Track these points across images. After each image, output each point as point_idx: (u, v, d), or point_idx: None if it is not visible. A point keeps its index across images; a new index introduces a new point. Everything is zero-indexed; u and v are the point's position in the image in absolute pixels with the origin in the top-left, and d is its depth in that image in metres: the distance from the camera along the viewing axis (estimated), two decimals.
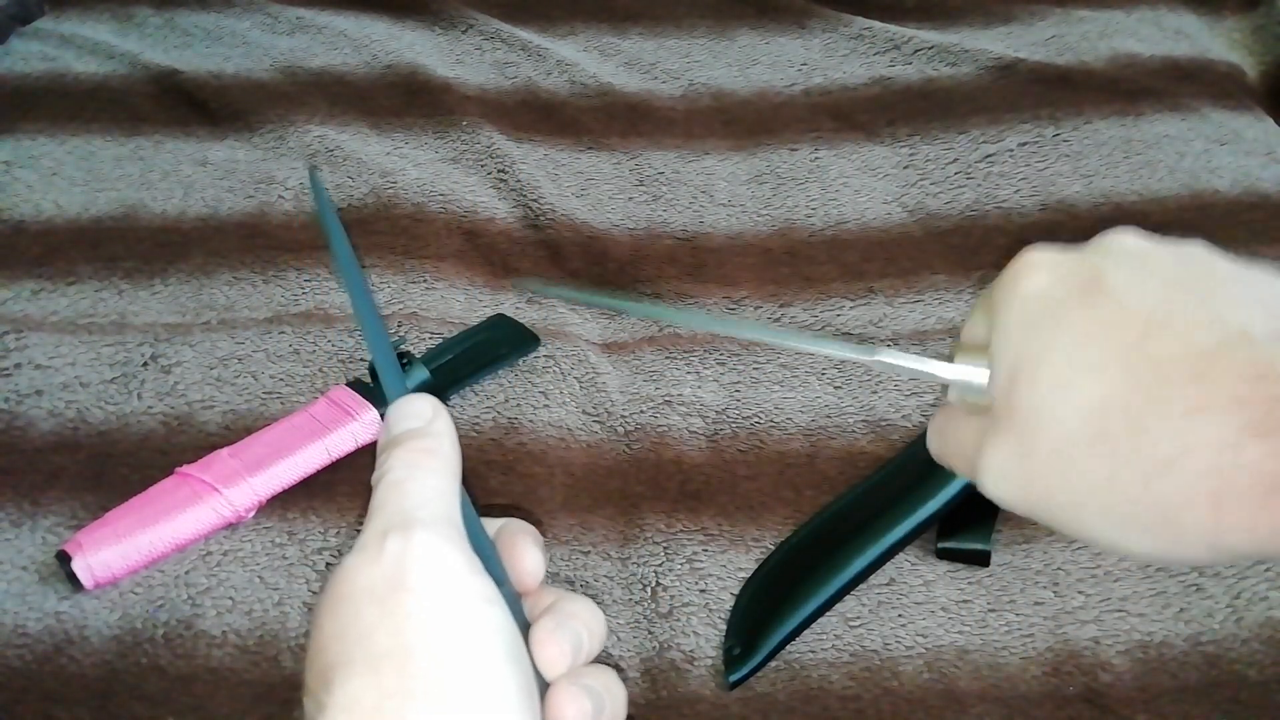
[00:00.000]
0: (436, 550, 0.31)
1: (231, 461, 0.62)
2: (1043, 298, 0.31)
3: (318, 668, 0.30)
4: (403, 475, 0.32)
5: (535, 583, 0.34)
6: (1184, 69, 0.95)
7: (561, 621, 0.32)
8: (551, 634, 0.32)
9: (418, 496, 0.32)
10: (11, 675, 0.55)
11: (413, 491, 0.32)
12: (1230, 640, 0.57)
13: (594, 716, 0.31)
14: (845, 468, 0.65)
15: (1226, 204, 0.83)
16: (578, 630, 0.32)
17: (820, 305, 0.76)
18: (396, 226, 0.79)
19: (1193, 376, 0.27)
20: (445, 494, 0.33)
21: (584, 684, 0.31)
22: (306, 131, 0.86)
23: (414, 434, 0.34)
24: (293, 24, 0.99)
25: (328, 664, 0.29)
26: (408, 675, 0.29)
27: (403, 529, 0.31)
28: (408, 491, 0.32)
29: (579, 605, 0.33)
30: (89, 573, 0.58)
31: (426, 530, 0.31)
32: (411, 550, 0.30)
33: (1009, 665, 0.57)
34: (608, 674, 0.33)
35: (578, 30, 1.01)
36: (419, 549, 0.30)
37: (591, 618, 0.33)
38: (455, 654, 0.29)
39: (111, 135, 0.87)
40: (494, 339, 0.71)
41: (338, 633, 0.30)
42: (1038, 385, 0.30)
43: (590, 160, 0.87)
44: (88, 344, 0.70)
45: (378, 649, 0.29)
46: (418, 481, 0.32)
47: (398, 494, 0.32)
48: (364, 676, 0.29)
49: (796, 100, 0.93)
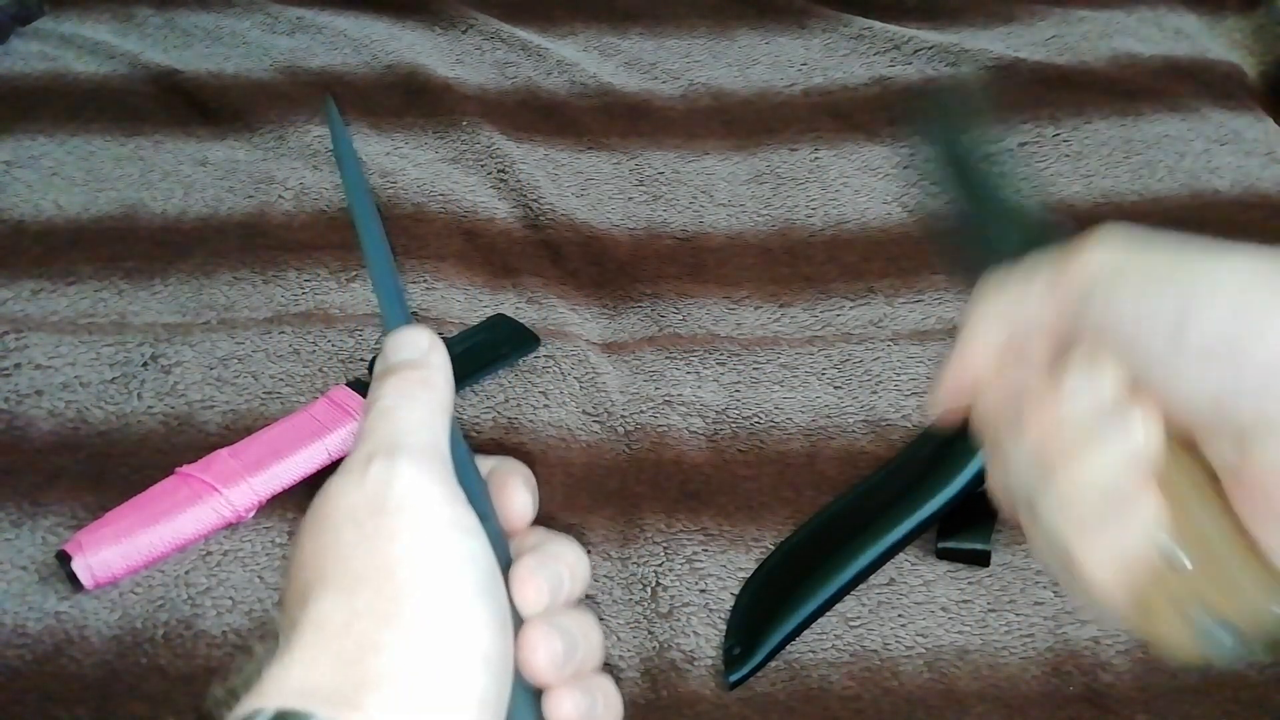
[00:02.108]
0: (419, 477, 0.31)
1: (232, 461, 0.62)
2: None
3: (295, 586, 0.30)
4: (393, 403, 0.33)
5: (524, 522, 0.34)
6: (1184, 69, 0.95)
7: (543, 561, 0.32)
8: (532, 572, 0.31)
9: (406, 424, 0.32)
10: (11, 675, 0.55)
11: (401, 419, 0.32)
12: None
13: (565, 657, 0.31)
14: (845, 468, 0.65)
15: (1226, 204, 0.83)
16: (559, 571, 0.32)
17: (820, 305, 0.76)
18: (396, 226, 0.79)
19: None
20: (434, 424, 0.33)
21: (558, 623, 0.31)
22: (306, 131, 0.86)
23: (408, 364, 0.34)
24: (293, 24, 0.99)
25: (305, 582, 0.30)
26: (380, 597, 0.29)
27: (388, 455, 0.31)
28: (396, 419, 0.32)
29: (563, 546, 0.33)
30: (89, 573, 0.58)
31: (411, 457, 0.31)
32: (395, 475, 0.30)
33: (1009, 665, 0.57)
34: (585, 616, 0.33)
35: (578, 30, 1.01)
36: (403, 474, 0.30)
37: (575, 560, 0.33)
38: (428, 579, 0.29)
39: (111, 135, 0.87)
40: (494, 339, 0.71)
41: (316, 552, 0.30)
42: None
43: (590, 160, 0.87)
44: (88, 344, 0.70)
45: (353, 570, 0.29)
46: (407, 410, 0.33)
47: (386, 421, 0.32)
48: (337, 595, 0.29)
49: (796, 100, 0.93)
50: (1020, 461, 0.32)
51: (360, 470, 0.31)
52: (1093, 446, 0.30)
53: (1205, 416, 0.29)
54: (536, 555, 0.32)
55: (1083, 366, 0.31)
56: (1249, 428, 0.28)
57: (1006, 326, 0.33)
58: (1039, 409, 0.31)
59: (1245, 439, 0.28)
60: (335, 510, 0.30)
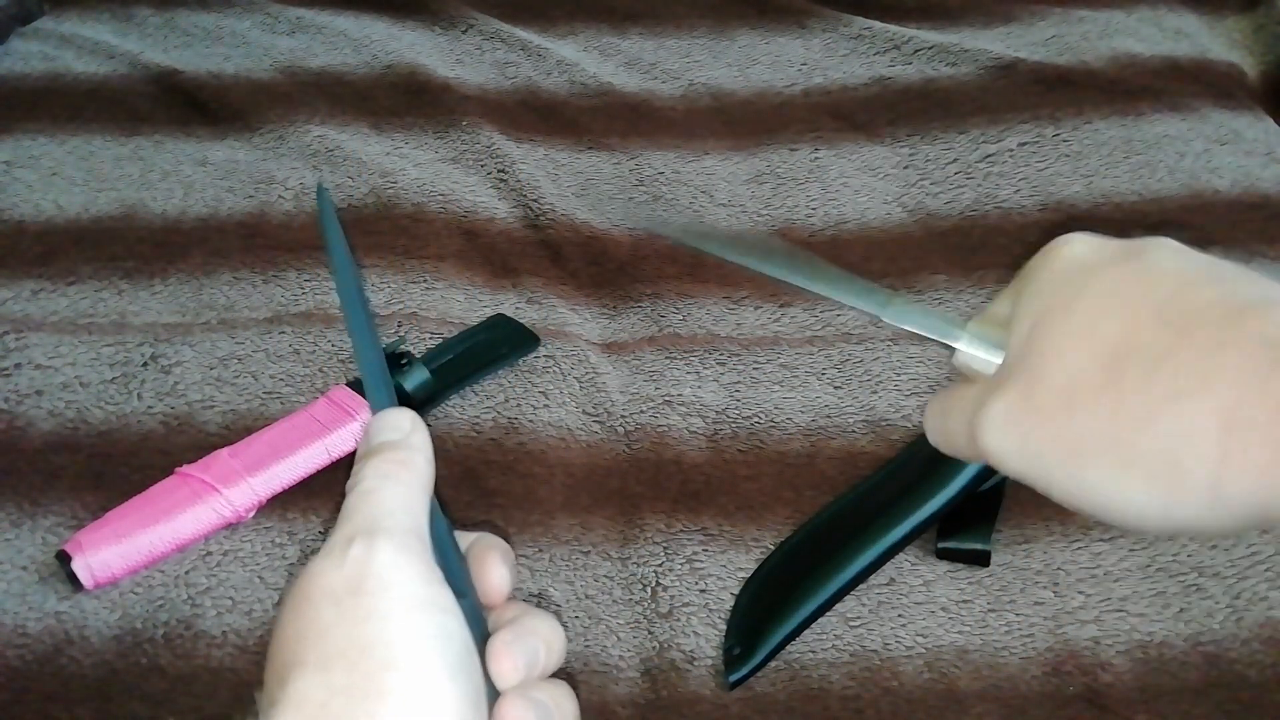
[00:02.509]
0: (397, 558, 0.32)
1: (231, 461, 0.62)
2: (1077, 262, 0.31)
3: (275, 665, 0.31)
4: (374, 485, 0.34)
5: (501, 597, 0.35)
6: (1184, 69, 0.95)
7: (519, 635, 0.33)
8: (508, 646, 0.32)
9: (386, 506, 0.33)
10: (11, 675, 0.55)
11: (381, 501, 0.33)
12: (1230, 640, 0.57)
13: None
14: (845, 468, 0.65)
15: (1226, 204, 0.83)
16: (534, 645, 0.33)
17: (819, 305, 0.76)
18: (396, 226, 0.79)
19: (1223, 318, 0.27)
20: (413, 506, 0.34)
21: (532, 696, 0.32)
22: (306, 131, 0.86)
23: (390, 445, 0.35)
24: (293, 24, 0.99)
25: (284, 662, 0.31)
26: (357, 674, 0.29)
27: (367, 535, 0.32)
28: (377, 501, 0.33)
29: (540, 621, 0.34)
30: (89, 573, 0.58)
31: (390, 539, 0.32)
32: (374, 556, 0.31)
33: (1009, 665, 0.57)
34: (560, 688, 0.34)
35: (578, 30, 1.01)
36: (381, 555, 0.31)
37: (551, 634, 0.34)
38: (403, 658, 0.30)
39: (111, 135, 0.87)
40: (494, 339, 0.71)
41: (297, 633, 0.31)
42: (1057, 329, 0.30)
43: (590, 160, 0.87)
44: (88, 344, 0.70)
45: (331, 648, 0.30)
46: (387, 492, 0.33)
47: (367, 503, 0.33)
48: (315, 674, 0.30)
49: (796, 100, 0.93)
50: None
51: (340, 551, 0.32)
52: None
53: None
54: (513, 629, 0.33)
55: None
56: None
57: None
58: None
59: None
60: (315, 590, 0.31)
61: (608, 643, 0.57)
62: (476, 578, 0.35)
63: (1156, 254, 0.30)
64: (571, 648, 0.57)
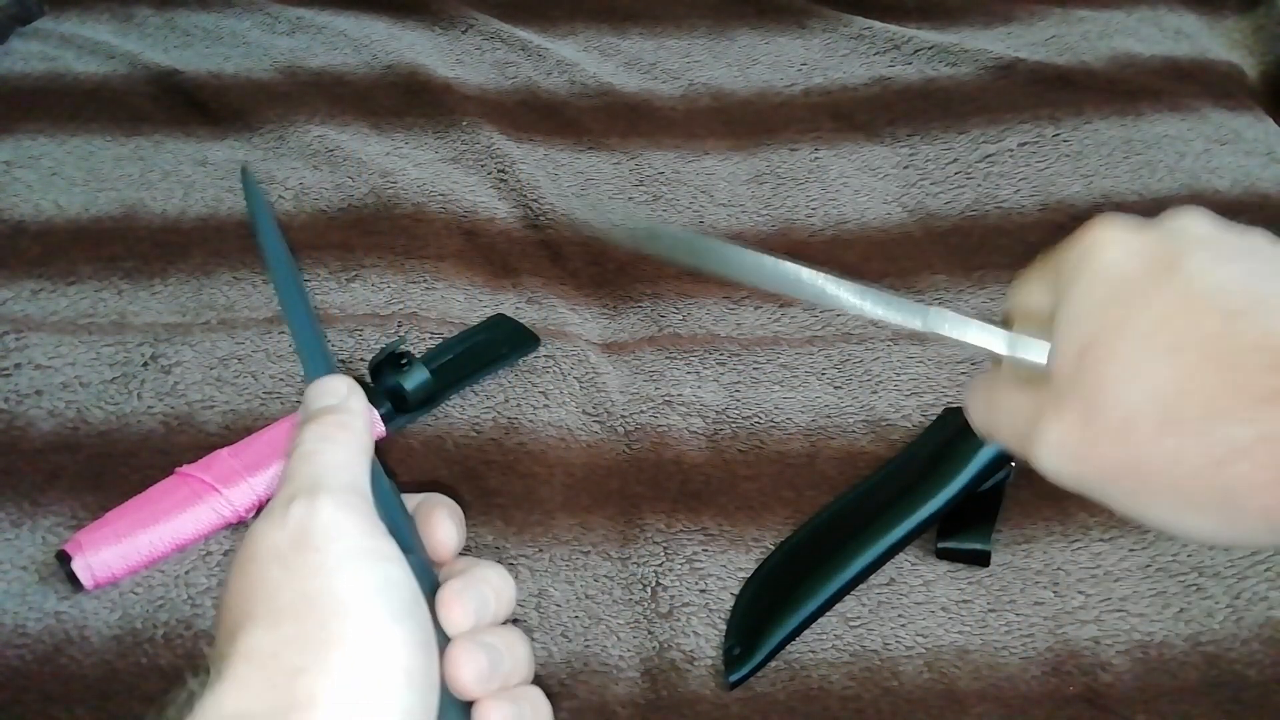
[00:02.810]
0: (338, 514, 0.33)
1: (231, 461, 0.62)
2: (1118, 275, 0.31)
3: (225, 623, 0.32)
4: (313, 447, 0.35)
5: (450, 553, 0.36)
6: (1184, 69, 0.95)
7: (468, 583, 0.34)
8: (457, 594, 0.33)
9: (325, 466, 0.34)
10: (11, 675, 0.55)
11: (321, 462, 0.34)
12: (1230, 640, 0.57)
13: (490, 671, 0.33)
14: (845, 468, 0.65)
15: (1226, 204, 0.83)
16: (484, 593, 0.34)
17: (820, 305, 0.76)
18: (396, 226, 0.79)
19: (1270, 366, 0.28)
20: (352, 465, 0.35)
21: (482, 640, 0.33)
22: (306, 131, 0.86)
23: (328, 410, 0.36)
24: (292, 24, 0.99)
25: (233, 620, 0.31)
26: (305, 625, 0.30)
27: (308, 494, 0.33)
28: (316, 461, 0.34)
29: (488, 571, 0.35)
30: (89, 573, 0.58)
31: (330, 495, 0.33)
32: (315, 513, 0.32)
33: (1009, 665, 0.57)
34: (511, 633, 0.35)
35: (578, 30, 1.01)
36: (322, 512, 0.32)
37: (500, 581, 0.35)
38: (349, 606, 0.31)
39: (111, 135, 0.87)
40: (494, 339, 0.71)
41: (243, 590, 0.32)
42: (1110, 364, 0.30)
43: (590, 160, 0.87)
44: (88, 344, 0.70)
45: (278, 603, 0.31)
46: (326, 454, 0.34)
47: (307, 464, 0.34)
48: (265, 628, 0.31)
49: (796, 100, 0.93)
50: None
51: (282, 510, 0.33)
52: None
53: None
54: (461, 579, 0.34)
55: None
56: None
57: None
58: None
59: None
60: (260, 549, 0.32)
61: (608, 643, 0.57)
62: (425, 535, 0.36)
63: (1194, 263, 0.30)
64: (571, 648, 0.57)
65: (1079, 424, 0.31)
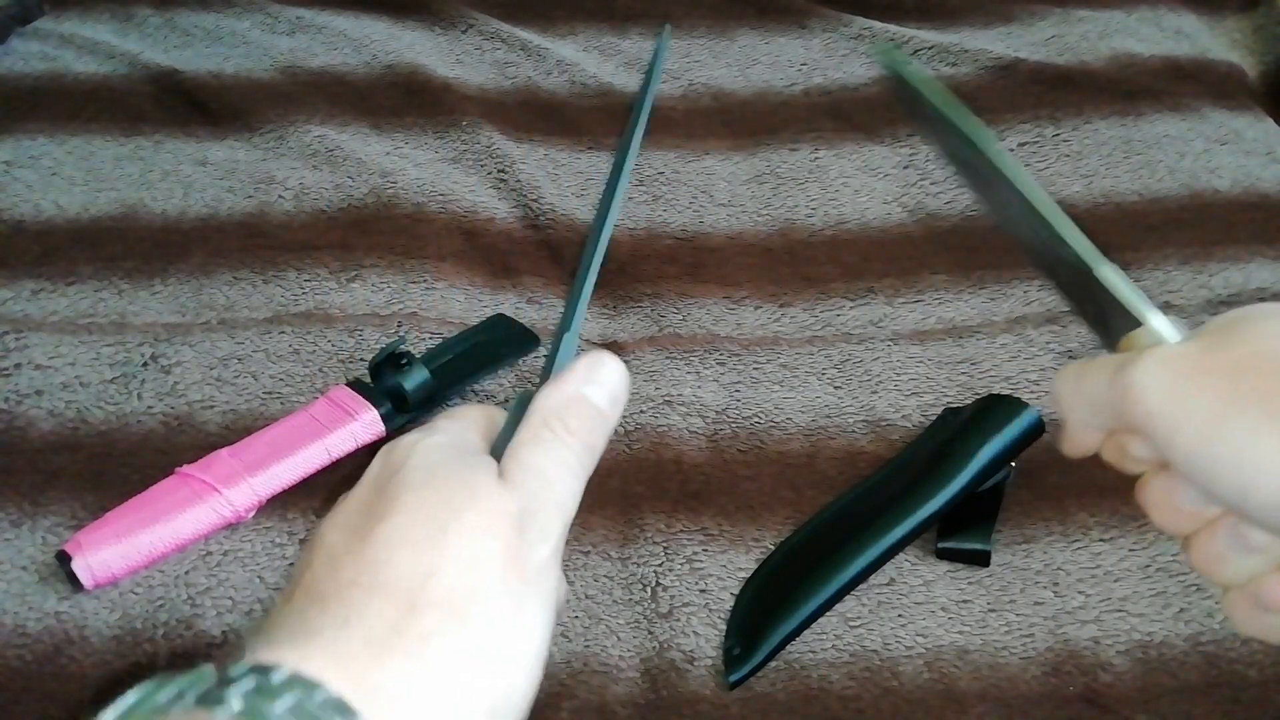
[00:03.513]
0: (557, 553, 0.34)
1: (231, 461, 0.62)
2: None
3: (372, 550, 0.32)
4: (562, 460, 0.36)
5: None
6: (1184, 69, 0.95)
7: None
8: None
9: (570, 490, 0.36)
10: (11, 675, 0.55)
11: (568, 482, 0.36)
12: (1230, 640, 0.57)
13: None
14: (845, 468, 0.65)
15: (1226, 204, 0.83)
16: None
17: (820, 305, 0.76)
18: (396, 226, 0.79)
19: None
20: (582, 484, 0.37)
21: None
22: (306, 131, 0.86)
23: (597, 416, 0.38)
24: (293, 24, 0.99)
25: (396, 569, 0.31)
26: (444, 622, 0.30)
27: (544, 527, 0.34)
28: (562, 481, 0.36)
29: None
30: (89, 573, 0.58)
31: (560, 533, 0.34)
32: (542, 547, 0.34)
33: (1009, 665, 0.57)
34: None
35: (578, 30, 1.01)
36: (548, 549, 0.34)
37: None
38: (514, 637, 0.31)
39: (111, 135, 0.87)
40: (494, 339, 0.71)
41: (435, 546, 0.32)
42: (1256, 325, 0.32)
43: (590, 160, 0.87)
44: (88, 344, 0.70)
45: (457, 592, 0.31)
46: (576, 480, 0.36)
47: (555, 479, 0.36)
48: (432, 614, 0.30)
49: (796, 100, 0.93)
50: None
51: (517, 519, 0.33)
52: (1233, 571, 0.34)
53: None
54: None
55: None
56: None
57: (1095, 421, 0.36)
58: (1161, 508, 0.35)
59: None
60: (476, 536, 0.32)
61: (608, 643, 0.57)
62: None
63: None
64: (571, 648, 0.57)
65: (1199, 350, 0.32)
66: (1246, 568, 0.34)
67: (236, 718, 0.26)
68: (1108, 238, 0.80)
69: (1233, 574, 0.34)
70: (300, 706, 0.27)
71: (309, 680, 0.28)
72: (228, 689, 0.27)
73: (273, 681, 0.28)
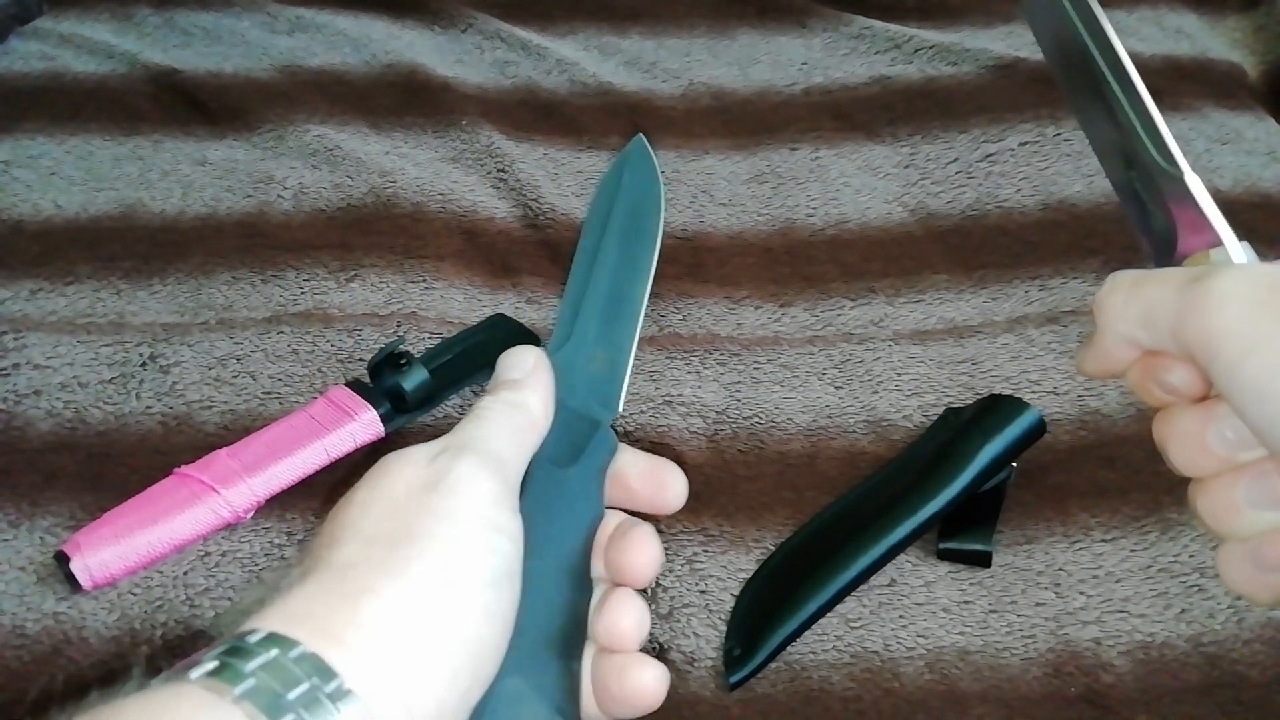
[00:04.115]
0: (476, 473, 0.35)
1: (230, 462, 0.62)
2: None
3: (327, 533, 0.34)
4: (481, 414, 0.37)
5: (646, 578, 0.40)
6: (1185, 68, 0.95)
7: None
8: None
9: (484, 433, 0.36)
10: (10, 676, 0.55)
11: (483, 428, 0.37)
12: (1232, 641, 0.57)
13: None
14: (846, 468, 0.65)
15: (1228, 203, 0.82)
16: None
17: (820, 305, 0.76)
18: (396, 226, 0.79)
19: None
20: (514, 441, 0.37)
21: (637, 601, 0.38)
22: (306, 131, 0.86)
23: (510, 384, 0.39)
24: (292, 23, 0.98)
25: (336, 532, 0.33)
26: (395, 554, 0.32)
27: (458, 449, 0.35)
28: (478, 426, 0.37)
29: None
30: (87, 573, 0.57)
31: (476, 457, 0.35)
32: (455, 466, 0.35)
33: (1010, 666, 0.57)
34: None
35: (578, 29, 1.00)
36: (462, 466, 0.35)
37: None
38: (444, 555, 0.33)
39: (110, 135, 0.87)
40: (493, 339, 0.71)
41: (360, 505, 0.34)
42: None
43: (590, 160, 0.87)
44: (86, 344, 0.70)
45: (383, 528, 0.33)
46: (489, 424, 0.37)
47: (470, 425, 0.37)
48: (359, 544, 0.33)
49: (797, 99, 0.93)
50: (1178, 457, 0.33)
51: (429, 455, 0.35)
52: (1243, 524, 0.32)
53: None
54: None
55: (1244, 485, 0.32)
56: None
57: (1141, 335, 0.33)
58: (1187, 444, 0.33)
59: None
60: (392, 480, 0.34)
61: None
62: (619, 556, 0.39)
63: None
64: None
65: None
66: (1259, 522, 0.31)
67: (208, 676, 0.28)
68: (1110, 238, 0.79)
69: (1242, 527, 0.32)
70: (275, 662, 0.29)
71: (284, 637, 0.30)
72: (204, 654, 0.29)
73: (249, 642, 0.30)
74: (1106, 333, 0.34)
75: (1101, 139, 0.39)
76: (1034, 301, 0.76)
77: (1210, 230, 0.33)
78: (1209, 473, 0.32)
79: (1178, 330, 0.31)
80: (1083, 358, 0.36)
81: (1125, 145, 0.36)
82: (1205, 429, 0.32)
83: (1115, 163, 0.39)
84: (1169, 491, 0.63)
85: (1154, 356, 0.33)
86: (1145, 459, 0.65)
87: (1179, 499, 0.63)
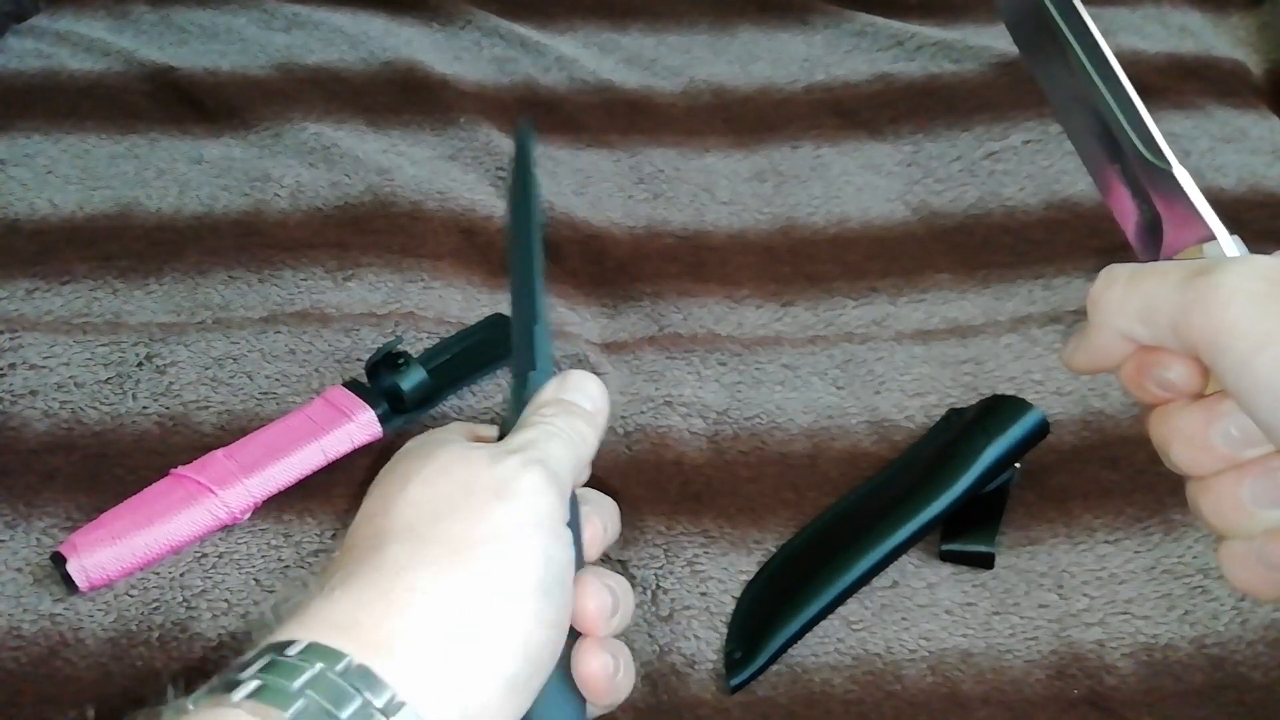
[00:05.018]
0: (545, 486, 0.34)
1: (227, 463, 0.61)
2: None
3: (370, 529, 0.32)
4: (558, 431, 0.36)
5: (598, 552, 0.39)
6: (1189, 66, 0.94)
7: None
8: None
9: (558, 449, 0.36)
10: (6, 678, 0.55)
11: (557, 444, 0.36)
12: (1235, 643, 0.57)
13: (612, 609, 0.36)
14: (847, 469, 0.65)
15: (1231, 202, 0.82)
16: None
17: (822, 304, 0.75)
18: (394, 225, 0.79)
19: None
20: (576, 467, 0.37)
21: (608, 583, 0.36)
22: (303, 129, 0.86)
23: (583, 413, 0.38)
24: (289, 20, 0.98)
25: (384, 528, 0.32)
26: (451, 556, 0.31)
27: (531, 459, 0.34)
28: (553, 442, 0.36)
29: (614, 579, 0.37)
30: (84, 575, 0.57)
31: (546, 470, 0.34)
32: (526, 473, 0.34)
33: (1013, 668, 0.56)
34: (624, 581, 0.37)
35: (577, 26, 1.00)
36: (533, 476, 0.34)
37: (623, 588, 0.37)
38: (501, 561, 0.32)
39: (106, 133, 0.86)
40: (492, 339, 0.71)
41: (413, 502, 0.33)
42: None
43: (590, 158, 0.86)
44: (82, 344, 0.70)
45: (440, 529, 0.32)
46: (564, 443, 0.36)
47: (546, 438, 0.36)
48: (411, 544, 0.31)
49: (798, 97, 0.93)
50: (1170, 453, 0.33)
51: (499, 458, 0.34)
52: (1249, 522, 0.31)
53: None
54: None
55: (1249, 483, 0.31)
56: None
57: (1139, 331, 0.32)
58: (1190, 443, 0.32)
59: None
60: (451, 479, 0.33)
61: None
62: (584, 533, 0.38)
63: None
64: None
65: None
66: (1265, 521, 0.31)
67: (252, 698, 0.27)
68: (1114, 236, 0.79)
69: (1248, 525, 0.31)
70: (322, 677, 0.28)
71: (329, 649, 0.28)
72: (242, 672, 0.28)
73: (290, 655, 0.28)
74: (1101, 327, 0.33)
75: (1081, 130, 0.38)
76: (1037, 301, 0.75)
77: (1199, 224, 0.32)
78: (1211, 471, 0.32)
79: (1180, 326, 0.30)
80: (1072, 352, 0.35)
81: (1110, 138, 0.36)
82: (1209, 427, 0.31)
83: (1097, 155, 0.38)
84: (1172, 493, 0.63)
85: (1150, 352, 0.32)
86: (1149, 460, 0.64)
87: (1182, 500, 0.62)
